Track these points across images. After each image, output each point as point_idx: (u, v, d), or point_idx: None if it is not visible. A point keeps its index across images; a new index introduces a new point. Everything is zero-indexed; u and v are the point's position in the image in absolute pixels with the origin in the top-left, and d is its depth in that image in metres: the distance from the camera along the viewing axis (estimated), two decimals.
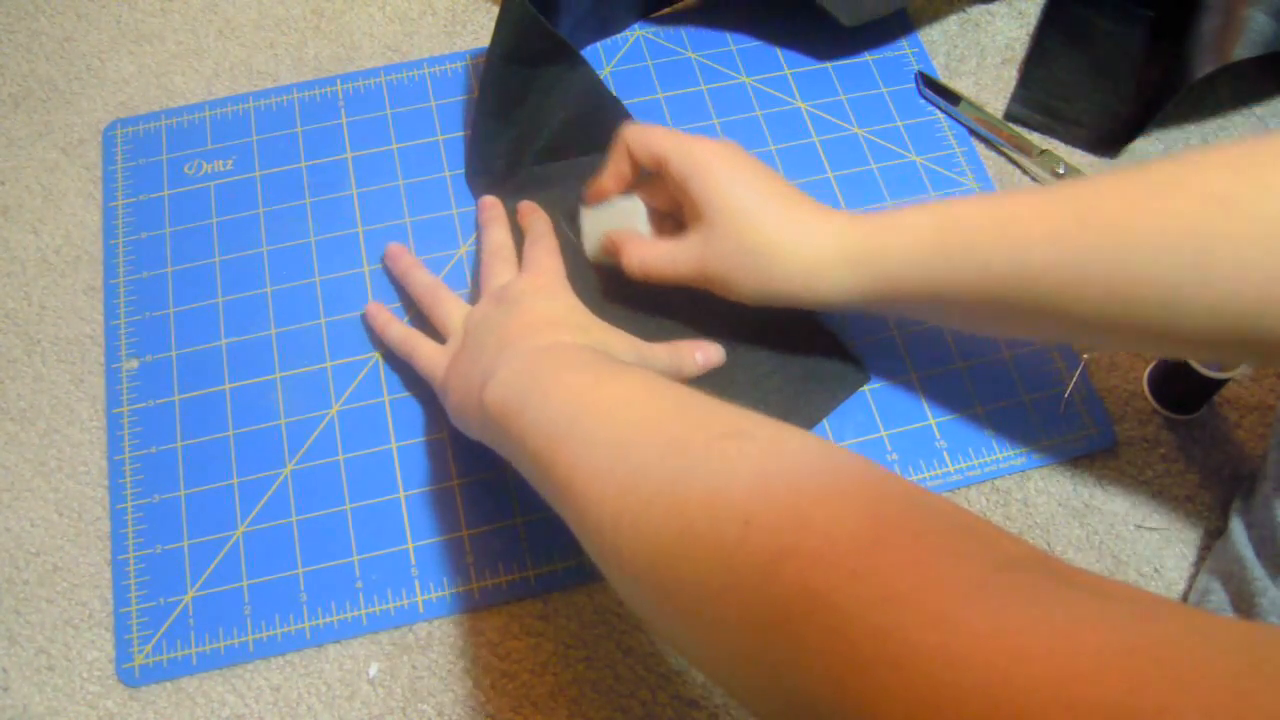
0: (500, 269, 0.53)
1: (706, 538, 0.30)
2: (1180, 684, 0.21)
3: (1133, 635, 0.23)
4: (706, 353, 0.51)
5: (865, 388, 0.54)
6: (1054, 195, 0.42)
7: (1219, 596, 0.46)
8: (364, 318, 0.56)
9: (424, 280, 0.55)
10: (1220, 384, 0.51)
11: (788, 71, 0.65)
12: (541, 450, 0.38)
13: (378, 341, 0.55)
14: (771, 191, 0.48)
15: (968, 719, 0.23)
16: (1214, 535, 0.51)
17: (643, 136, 0.50)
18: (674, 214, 0.53)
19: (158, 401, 0.54)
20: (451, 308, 0.52)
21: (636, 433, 0.36)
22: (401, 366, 0.55)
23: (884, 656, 0.25)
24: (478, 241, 0.58)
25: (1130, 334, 0.42)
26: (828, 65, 0.65)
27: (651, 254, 0.51)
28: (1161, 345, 0.43)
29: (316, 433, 0.53)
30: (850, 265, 0.46)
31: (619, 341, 0.48)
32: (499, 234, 0.56)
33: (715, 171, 0.48)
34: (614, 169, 0.52)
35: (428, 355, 0.51)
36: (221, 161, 0.61)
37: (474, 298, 0.54)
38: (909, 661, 0.24)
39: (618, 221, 0.53)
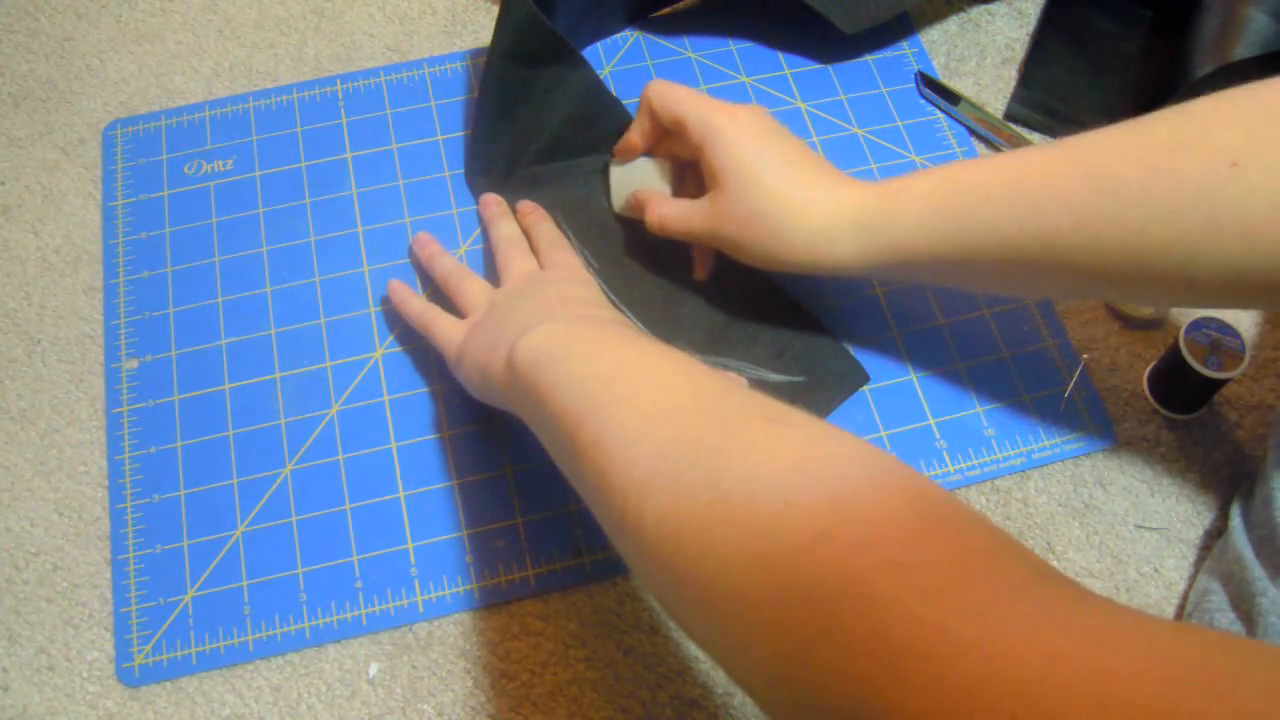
0: (519, 257, 0.54)
1: (742, 509, 0.30)
2: (1216, 692, 0.21)
3: (1169, 645, 0.23)
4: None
5: (865, 388, 0.54)
6: (1061, 155, 0.42)
7: (1219, 597, 0.46)
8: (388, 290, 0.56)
9: (449, 264, 0.55)
10: (1220, 384, 0.51)
11: (788, 71, 0.65)
12: (571, 409, 0.38)
13: (377, 341, 0.56)
14: (786, 158, 0.48)
15: (999, 714, 0.23)
16: (1214, 535, 0.51)
17: (665, 97, 0.51)
18: (696, 171, 0.54)
19: (157, 401, 0.54)
20: (475, 286, 0.53)
21: (677, 404, 0.36)
22: (401, 366, 0.55)
23: (916, 646, 0.25)
24: (485, 236, 0.58)
25: (1145, 289, 0.42)
26: (828, 65, 0.65)
27: (670, 212, 0.52)
28: (1176, 297, 0.43)
29: (316, 433, 0.53)
30: (859, 231, 0.46)
31: None
32: (509, 227, 0.56)
33: (731, 137, 0.48)
34: (640, 126, 0.54)
35: (446, 327, 0.51)
36: (221, 161, 0.61)
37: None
38: (943, 653, 0.24)
39: (641, 179, 0.55)
